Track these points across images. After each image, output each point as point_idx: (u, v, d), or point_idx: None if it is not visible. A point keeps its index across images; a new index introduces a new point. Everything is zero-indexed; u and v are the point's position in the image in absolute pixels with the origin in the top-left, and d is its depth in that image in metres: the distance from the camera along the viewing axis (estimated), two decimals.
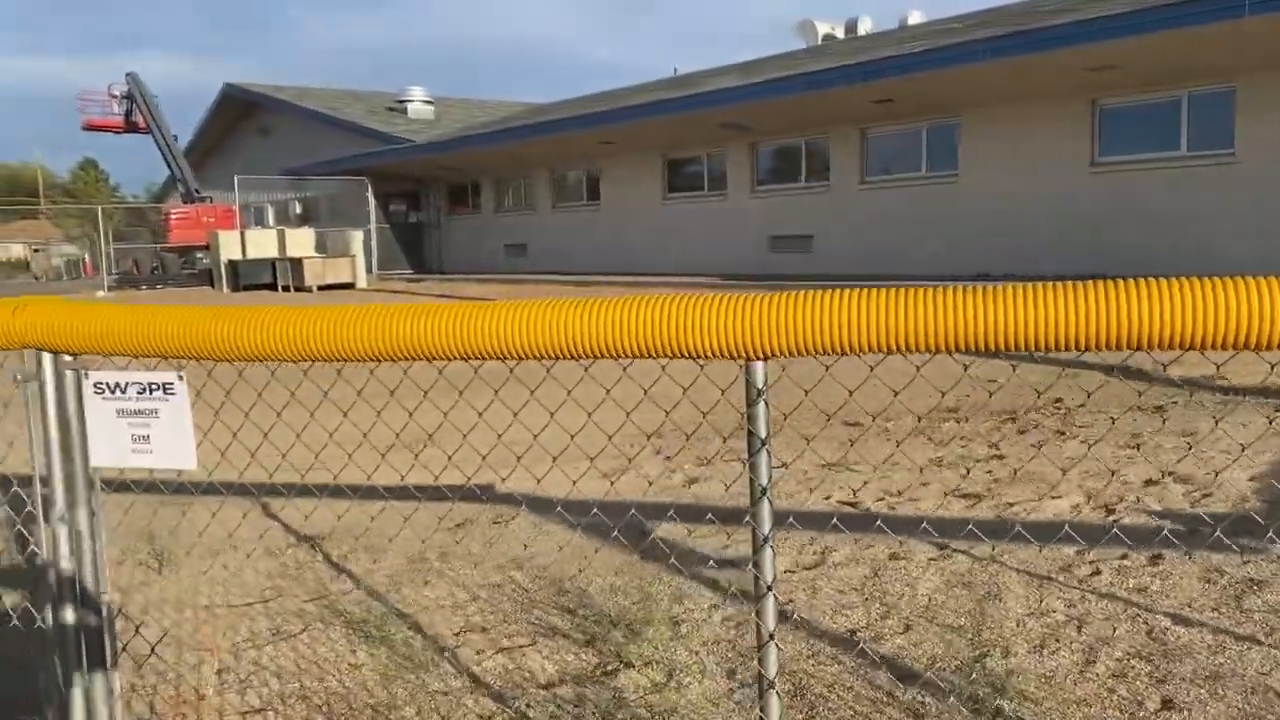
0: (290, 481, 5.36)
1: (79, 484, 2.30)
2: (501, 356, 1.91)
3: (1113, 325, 1.56)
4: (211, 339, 2.09)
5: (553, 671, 3.07)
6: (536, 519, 4.73)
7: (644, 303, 1.81)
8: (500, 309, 1.90)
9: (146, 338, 2.15)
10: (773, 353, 1.79)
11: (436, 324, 1.93)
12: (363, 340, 1.94)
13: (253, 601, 3.81)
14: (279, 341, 1.99)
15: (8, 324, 2.24)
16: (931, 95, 15.64)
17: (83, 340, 2.20)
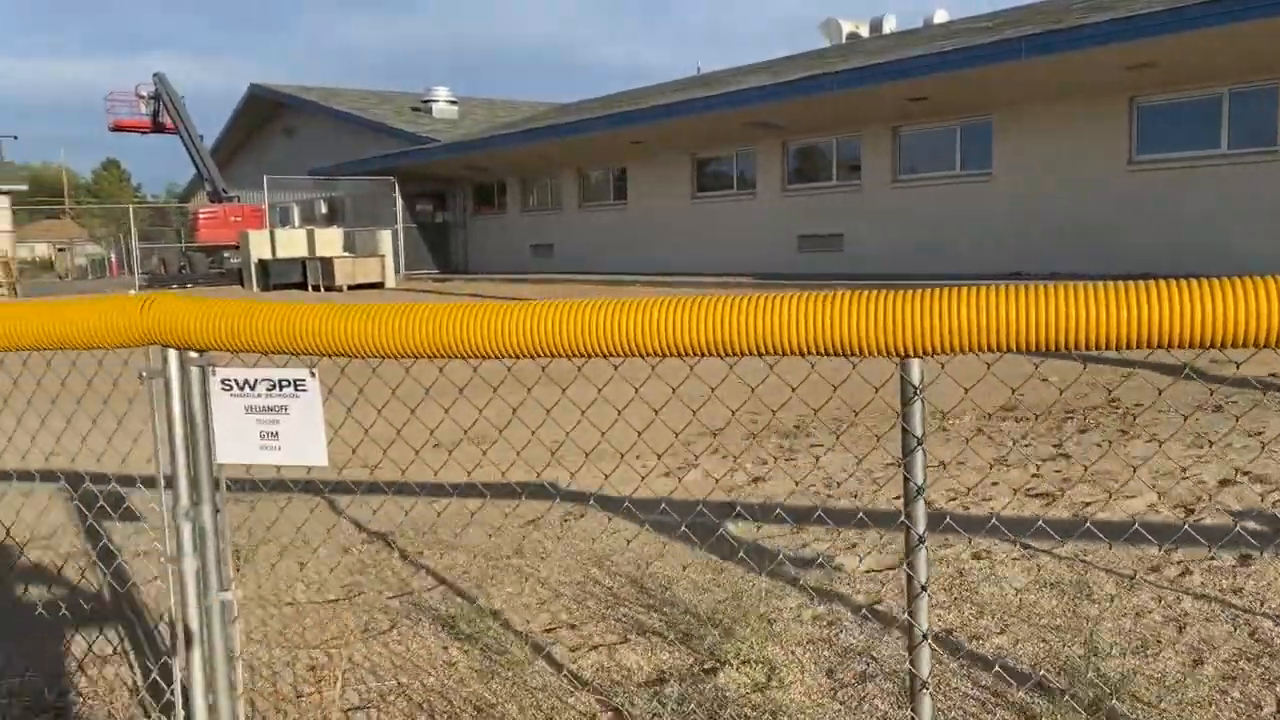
0: (359, 478, 5.38)
1: (204, 481, 2.31)
2: (637, 354, 1.90)
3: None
4: (345, 336, 2.09)
5: (650, 670, 3.06)
6: (605, 516, 4.72)
7: (799, 300, 1.79)
8: (626, 307, 1.89)
9: (277, 334, 2.16)
10: (931, 350, 1.77)
11: (574, 321, 1.92)
12: (506, 336, 1.93)
13: (335, 598, 3.82)
14: (419, 338, 1.99)
15: (135, 320, 2.25)
16: (967, 93, 15.56)
17: (209, 337, 2.21)
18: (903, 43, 19.95)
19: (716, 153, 22.05)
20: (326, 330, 2.10)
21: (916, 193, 17.78)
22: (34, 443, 4.13)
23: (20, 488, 5.52)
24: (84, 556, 4.47)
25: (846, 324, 1.76)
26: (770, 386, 3.47)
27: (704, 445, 6.16)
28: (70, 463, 4.69)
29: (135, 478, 4.27)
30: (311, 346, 2.14)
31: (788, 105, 17.79)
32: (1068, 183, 15.27)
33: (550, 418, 3.21)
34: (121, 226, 60.51)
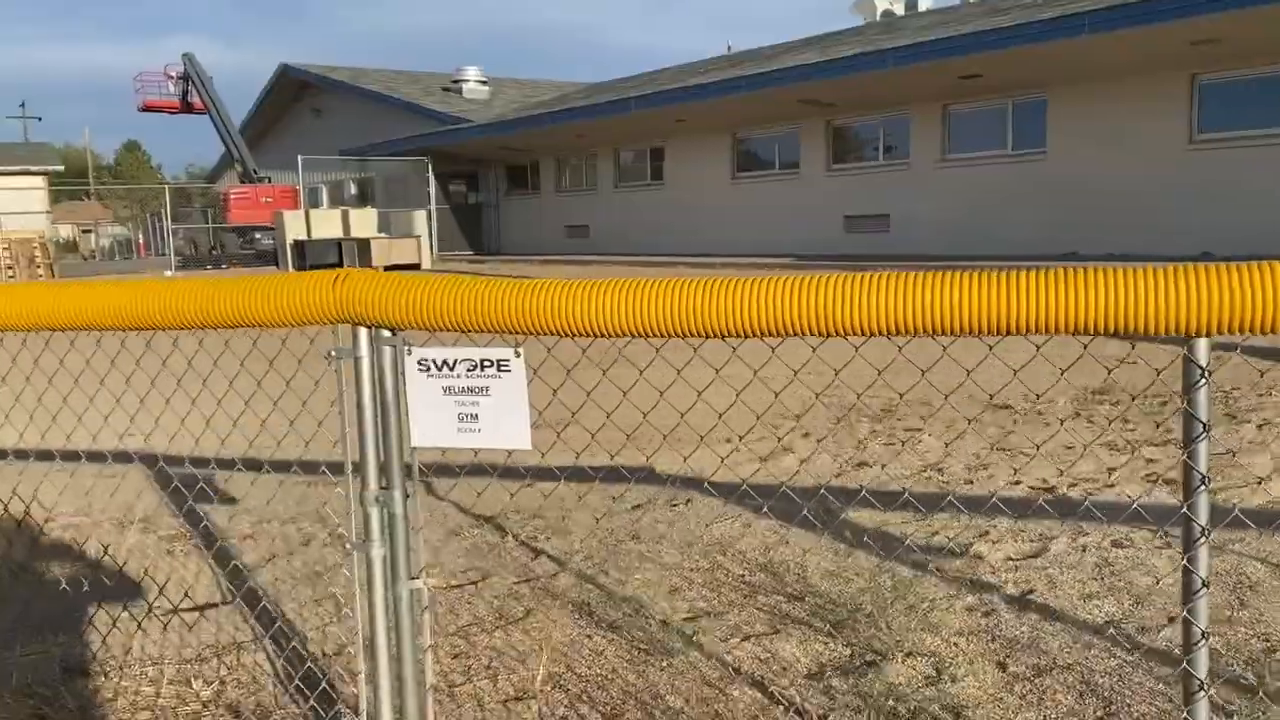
0: (462, 462, 5.28)
1: (394, 465, 2.22)
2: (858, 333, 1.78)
3: None
4: (551, 313, 1.99)
5: (809, 661, 2.96)
6: (712, 501, 4.62)
7: (1077, 277, 1.67)
8: (837, 281, 1.78)
9: (478, 312, 2.05)
10: (1221, 330, 1.65)
11: (765, 297, 1.80)
12: (751, 314, 1.82)
13: (460, 584, 3.74)
14: (651, 316, 1.88)
15: (327, 296, 2.16)
16: (1022, 71, 15.28)
17: (405, 314, 2.11)
18: (947, 20, 19.61)
19: (758, 132, 21.81)
20: (527, 307, 2.00)
21: (966, 172, 17.51)
22: (208, 425, 4.08)
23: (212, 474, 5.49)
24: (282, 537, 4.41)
25: (1136, 301, 1.64)
26: (851, 370, 3.33)
27: (788, 428, 6.05)
28: (249, 447, 4.62)
29: (320, 463, 4.21)
30: (510, 324, 2.03)
31: (837, 83, 17.53)
32: (1125, 161, 14.98)
33: (627, 400, 3.11)
34: (147, 207, 60.76)
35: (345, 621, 3.40)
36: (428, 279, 2.13)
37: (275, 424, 3.77)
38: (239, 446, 4.39)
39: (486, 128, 27.59)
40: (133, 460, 5.77)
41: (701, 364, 2.67)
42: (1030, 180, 16.35)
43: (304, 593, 3.68)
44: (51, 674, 3.04)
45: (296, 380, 3.37)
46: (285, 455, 4.50)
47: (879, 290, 1.73)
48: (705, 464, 5.23)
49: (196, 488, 5.12)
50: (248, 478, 5.28)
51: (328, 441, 3.88)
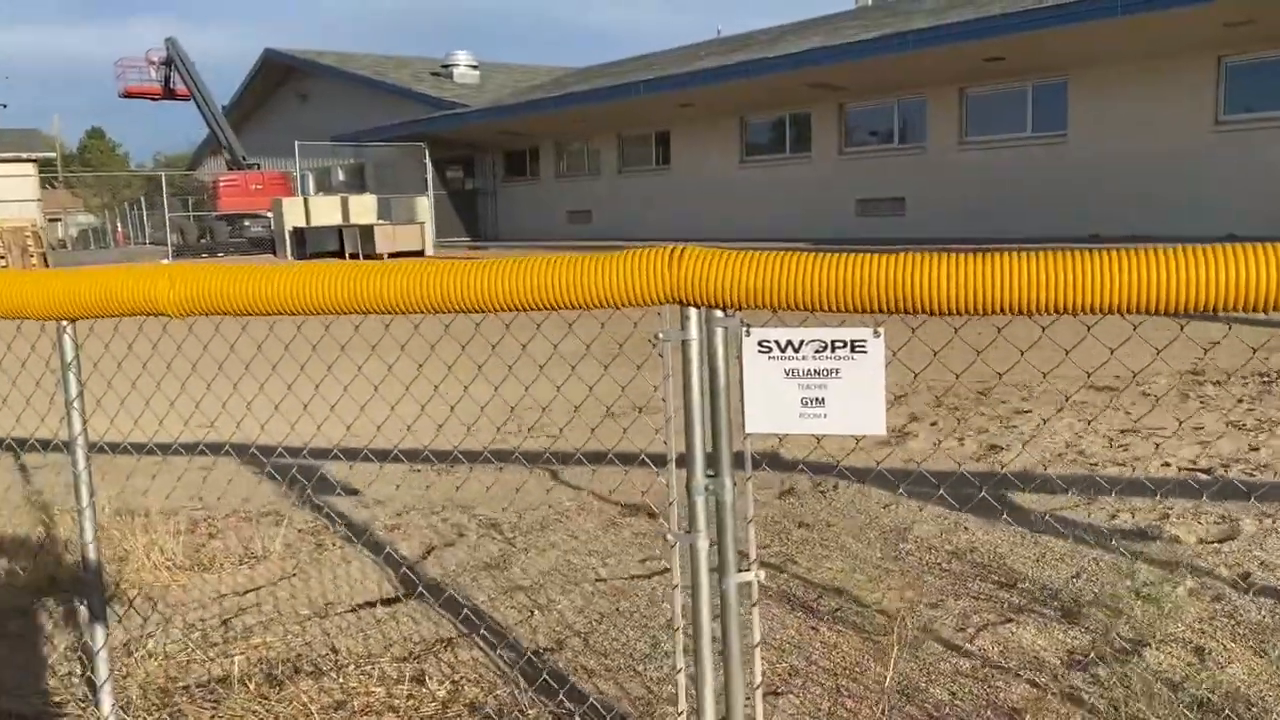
0: (596, 449, 5.17)
1: (723, 452, 2.11)
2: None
3: None
4: (921, 287, 1.88)
5: (1056, 650, 2.88)
6: (859, 486, 4.54)
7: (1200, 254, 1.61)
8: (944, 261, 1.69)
9: (834, 291, 1.94)
10: None
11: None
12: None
13: (638, 575, 3.63)
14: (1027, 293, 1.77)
15: (663, 275, 2.04)
16: (1045, 53, 15.25)
17: (743, 294, 1.99)
18: (958, 3, 19.52)
19: (768, 115, 21.69)
20: (902, 281, 1.88)
21: (984, 154, 17.49)
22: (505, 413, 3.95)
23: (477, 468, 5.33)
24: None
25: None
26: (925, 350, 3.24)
27: (894, 411, 5.96)
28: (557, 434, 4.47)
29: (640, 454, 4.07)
30: (863, 302, 1.93)
31: (853, 66, 17.44)
32: (1149, 143, 15.01)
33: None
34: (119, 196, 59.58)
35: (546, 614, 3.29)
36: (766, 256, 2.01)
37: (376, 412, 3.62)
38: (343, 436, 4.26)
39: (487, 112, 27.30)
40: (227, 452, 5.62)
41: None
42: (1051, 163, 16.36)
43: (486, 585, 3.57)
44: (272, 673, 2.91)
45: (400, 367, 3.23)
46: (386, 443, 4.36)
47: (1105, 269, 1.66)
48: (833, 448, 5.14)
49: (314, 479, 4.97)
50: (367, 469, 5.15)
51: (453, 430, 3.77)
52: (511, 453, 5.44)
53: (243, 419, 4.96)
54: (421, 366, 3.13)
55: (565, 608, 3.35)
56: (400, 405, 3.82)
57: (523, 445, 5.68)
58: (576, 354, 3.43)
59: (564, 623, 3.23)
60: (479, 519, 4.34)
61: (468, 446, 5.64)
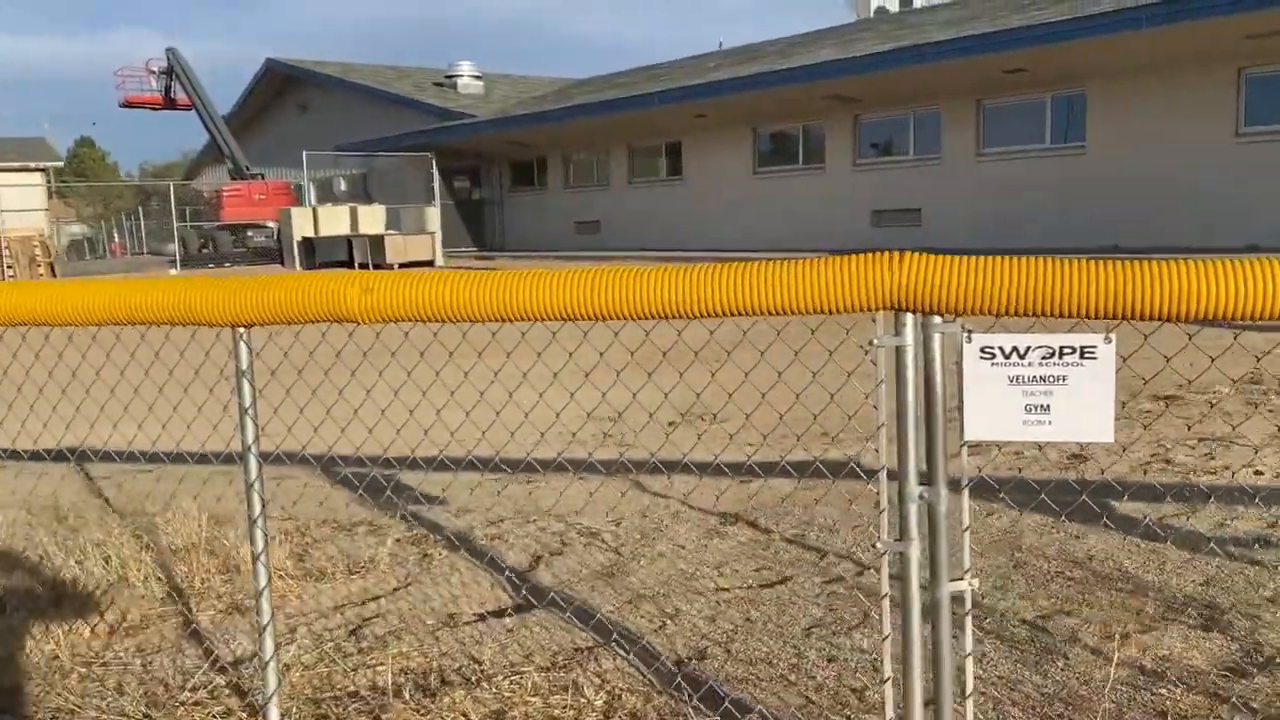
0: (670, 458, 5.15)
1: (938, 459, 2.10)
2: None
3: None
4: (1166, 295, 1.88)
5: (1207, 660, 2.88)
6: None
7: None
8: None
9: (1055, 297, 1.94)
10: None
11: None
12: None
13: (757, 585, 3.62)
14: None
15: (882, 280, 2.04)
16: (1066, 64, 15.34)
17: (966, 299, 1.99)
18: (978, 14, 19.63)
19: (781, 126, 21.76)
20: (1144, 289, 1.88)
21: (1002, 166, 17.56)
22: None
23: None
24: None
25: None
26: None
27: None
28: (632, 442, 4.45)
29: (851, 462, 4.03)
30: (1118, 310, 1.92)
31: (869, 78, 17.52)
32: (1169, 155, 15.09)
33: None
34: (111, 206, 59.26)
35: (677, 623, 3.27)
36: (990, 261, 2.01)
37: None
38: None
39: (497, 122, 27.32)
40: (299, 460, 5.59)
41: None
42: (1070, 174, 16.43)
43: (607, 594, 3.55)
44: (422, 683, 2.89)
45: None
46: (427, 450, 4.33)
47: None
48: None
49: (391, 487, 4.95)
50: (442, 478, 5.12)
51: (526, 437, 3.74)
52: (584, 461, 5.42)
53: (321, 425, 4.94)
54: (519, 373, 3.12)
55: (695, 617, 3.33)
56: (490, 412, 3.81)
57: (598, 453, 5.66)
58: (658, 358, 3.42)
59: (699, 632, 3.22)
60: (577, 528, 4.32)
61: (540, 455, 5.62)
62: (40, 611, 3.41)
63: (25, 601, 3.55)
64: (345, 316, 2.34)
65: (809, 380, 3.99)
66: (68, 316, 2.53)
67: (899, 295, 2.04)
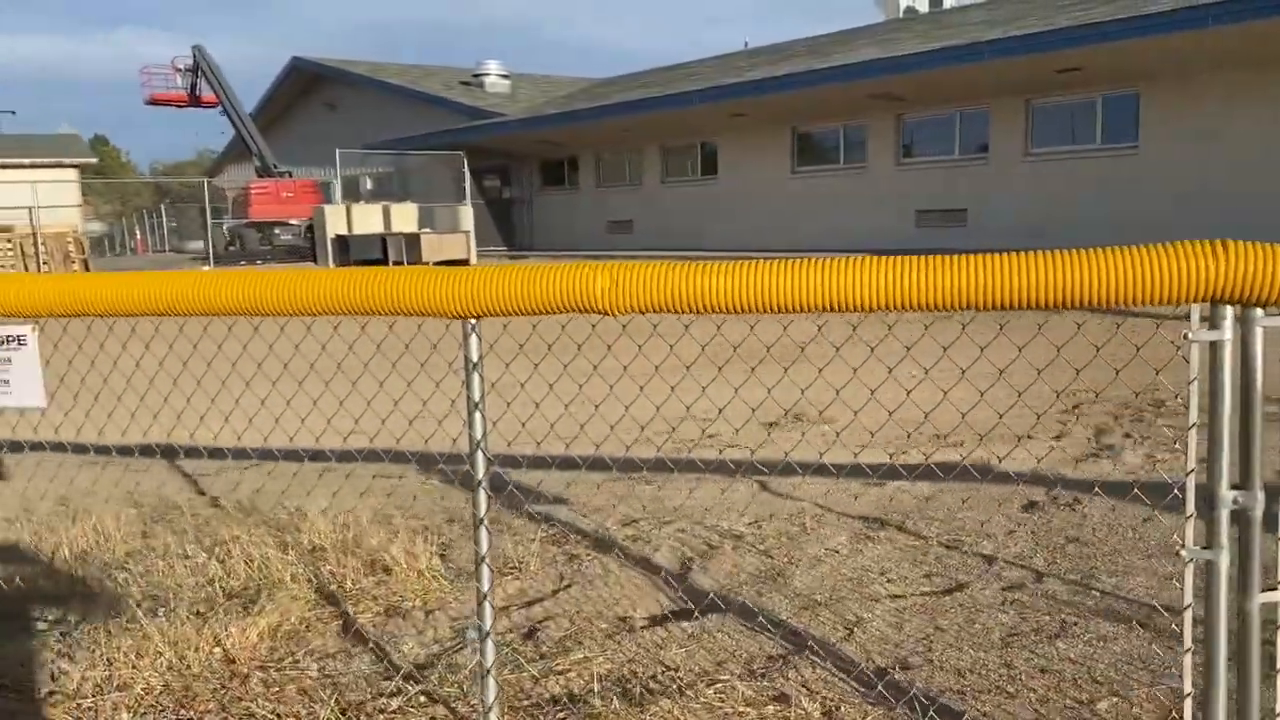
0: (806, 460, 5.03)
1: (1254, 462, 1.97)
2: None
3: None
4: None
5: None
6: (1102, 500, 4.39)
7: None
8: None
9: None
10: None
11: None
12: None
13: (931, 591, 3.49)
14: None
15: (1204, 270, 1.90)
16: (1121, 64, 15.15)
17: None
18: (1023, 13, 19.44)
19: (821, 125, 21.60)
20: None
21: (1051, 166, 17.38)
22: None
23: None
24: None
25: None
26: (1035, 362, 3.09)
27: (1066, 423, 5.82)
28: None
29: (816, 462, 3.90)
30: None
31: (917, 77, 17.36)
32: (1224, 155, 14.88)
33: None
34: (129, 204, 59.45)
35: (864, 630, 3.15)
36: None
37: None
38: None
39: (529, 121, 27.25)
40: (402, 457, 5.49)
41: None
42: (1121, 174, 16.24)
43: (776, 599, 3.43)
44: (625, 691, 2.77)
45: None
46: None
47: None
48: (1055, 460, 5.02)
49: (510, 485, 4.84)
50: (564, 475, 5.01)
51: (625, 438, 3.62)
52: (714, 461, 5.30)
53: (416, 418, 4.83)
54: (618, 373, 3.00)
55: (879, 624, 3.21)
56: (588, 408, 3.69)
57: (697, 452, 5.54)
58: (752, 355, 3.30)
59: (889, 640, 3.09)
60: (717, 530, 4.20)
61: (640, 453, 5.51)
62: (198, 612, 3.31)
63: (174, 601, 3.45)
64: (591, 307, 2.23)
65: (920, 380, 3.87)
66: (286, 306, 2.42)
67: (1222, 286, 1.91)
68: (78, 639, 3.18)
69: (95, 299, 2.40)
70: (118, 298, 2.48)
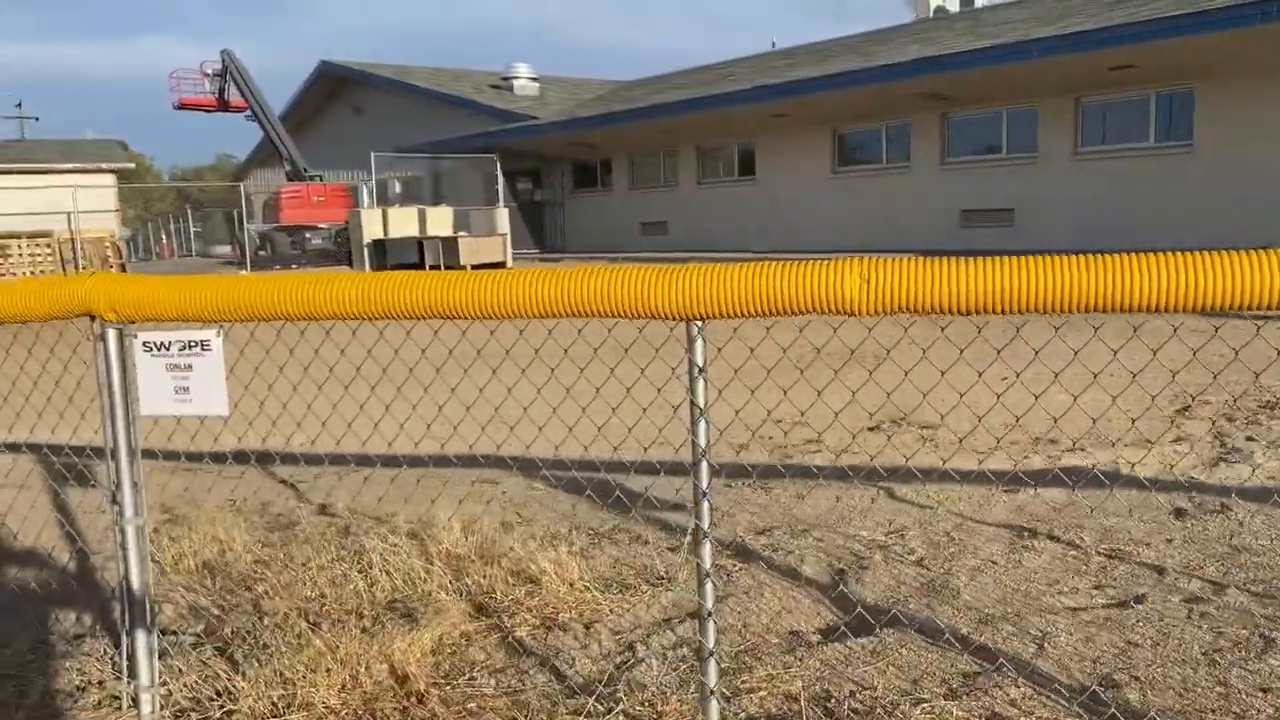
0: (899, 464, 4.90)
1: None
2: None
3: None
4: None
5: None
6: (1255, 506, 4.23)
7: None
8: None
9: None
10: None
11: None
12: None
13: (1108, 604, 3.34)
14: None
15: None
16: (1178, 61, 14.91)
17: None
18: (1069, 12, 19.19)
19: (862, 125, 21.41)
20: None
21: (1101, 165, 17.14)
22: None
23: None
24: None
25: None
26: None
27: (1167, 425, 5.66)
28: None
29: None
30: None
31: (964, 76, 17.17)
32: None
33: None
34: (152, 209, 59.87)
35: (1053, 645, 3.01)
36: None
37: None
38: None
39: (564, 124, 27.17)
40: (506, 464, 5.38)
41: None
42: (1175, 173, 15.99)
43: (949, 614, 3.29)
44: (831, 711, 2.64)
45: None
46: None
47: None
48: (1184, 466, 4.86)
49: (617, 490, 4.72)
50: (675, 481, 4.89)
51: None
52: (829, 467, 5.17)
53: (518, 424, 4.72)
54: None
55: (1067, 639, 3.07)
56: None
57: (808, 458, 5.41)
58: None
59: (1083, 656, 2.95)
60: (856, 539, 4.07)
61: (751, 459, 5.39)
62: (363, 629, 3.20)
63: (319, 615, 3.34)
64: (841, 308, 2.10)
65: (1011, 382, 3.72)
66: (489, 309, 2.31)
67: None
68: (243, 654, 3.08)
69: (303, 301, 2.29)
70: (311, 299, 2.37)
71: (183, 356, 2.54)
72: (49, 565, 4.24)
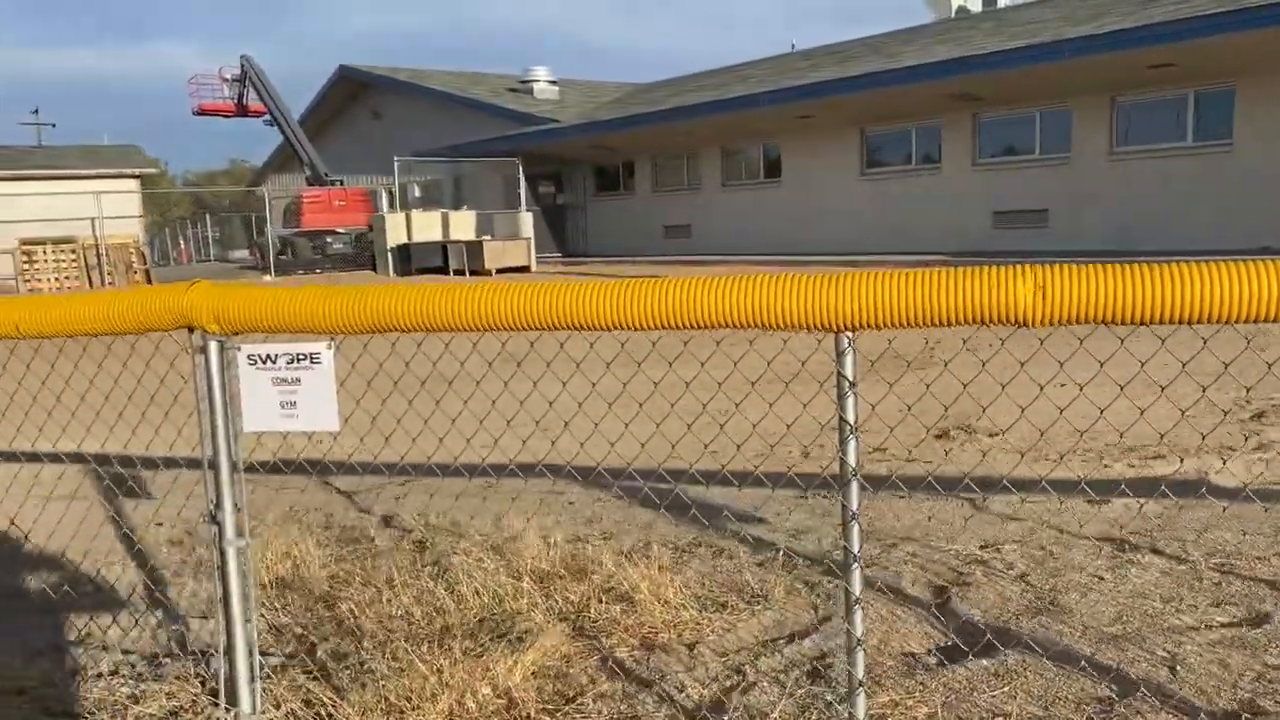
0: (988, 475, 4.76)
1: None
2: None
3: None
4: None
5: None
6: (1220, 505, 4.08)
7: None
8: None
9: None
10: None
11: None
12: None
13: (1227, 623, 3.20)
14: None
15: None
16: (1218, 59, 14.70)
17: None
18: (1099, 9, 18.99)
19: (891, 126, 21.24)
20: None
21: (1138, 165, 16.93)
22: None
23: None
24: None
25: None
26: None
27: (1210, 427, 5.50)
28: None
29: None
30: None
31: (997, 76, 16.99)
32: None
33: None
34: (167, 215, 60.23)
35: (1186, 667, 2.86)
36: None
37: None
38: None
39: (586, 127, 27.08)
40: (566, 474, 5.27)
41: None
42: (1213, 173, 15.78)
43: (1067, 633, 3.15)
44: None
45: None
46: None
47: None
48: (1237, 470, 4.70)
49: (693, 504, 4.59)
50: (754, 493, 4.76)
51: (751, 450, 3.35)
52: (921, 479, 5.03)
53: (588, 438, 4.61)
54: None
55: (1199, 661, 2.93)
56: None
57: (874, 467, 5.27)
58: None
59: (1221, 680, 2.81)
60: (951, 554, 3.93)
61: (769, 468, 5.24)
62: (465, 650, 3.08)
63: (404, 634, 3.23)
64: (1012, 319, 1.97)
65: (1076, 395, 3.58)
66: (634, 320, 2.19)
67: None
68: (348, 678, 2.96)
69: (441, 313, 2.18)
70: (439, 310, 2.26)
71: (290, 370, 2.43)
72: (119, 580, 4.15)
